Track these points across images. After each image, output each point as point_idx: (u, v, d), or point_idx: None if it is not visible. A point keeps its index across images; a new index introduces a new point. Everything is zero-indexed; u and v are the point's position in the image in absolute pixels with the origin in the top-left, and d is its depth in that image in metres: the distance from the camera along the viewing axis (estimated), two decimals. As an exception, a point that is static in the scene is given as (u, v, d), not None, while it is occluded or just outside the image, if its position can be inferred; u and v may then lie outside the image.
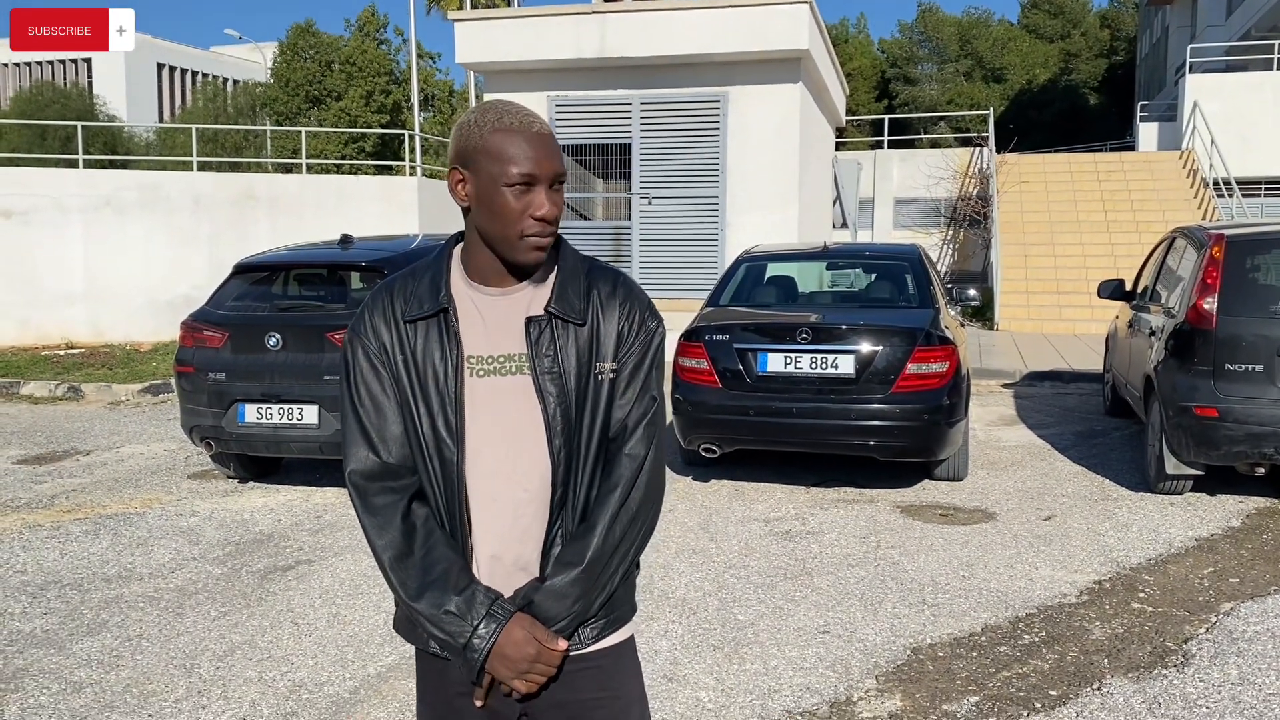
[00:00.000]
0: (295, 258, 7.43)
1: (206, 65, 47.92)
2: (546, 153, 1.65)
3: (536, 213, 1.64)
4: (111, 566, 5.46)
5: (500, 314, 1.72)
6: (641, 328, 1.76)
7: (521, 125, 1.66)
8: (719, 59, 12.63)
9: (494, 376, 1.71)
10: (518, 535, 1.72)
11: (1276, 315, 6.09)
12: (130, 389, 11.22)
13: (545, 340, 1.70)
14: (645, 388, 1.77)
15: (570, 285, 1.73)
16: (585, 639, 1.74)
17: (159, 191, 15.68)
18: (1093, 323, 14.47)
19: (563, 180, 1.69)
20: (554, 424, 1.69)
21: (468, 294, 1.74)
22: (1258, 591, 4.89)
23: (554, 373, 1.69)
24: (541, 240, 1.67)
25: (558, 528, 1.72)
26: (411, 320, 1.72)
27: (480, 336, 1.71)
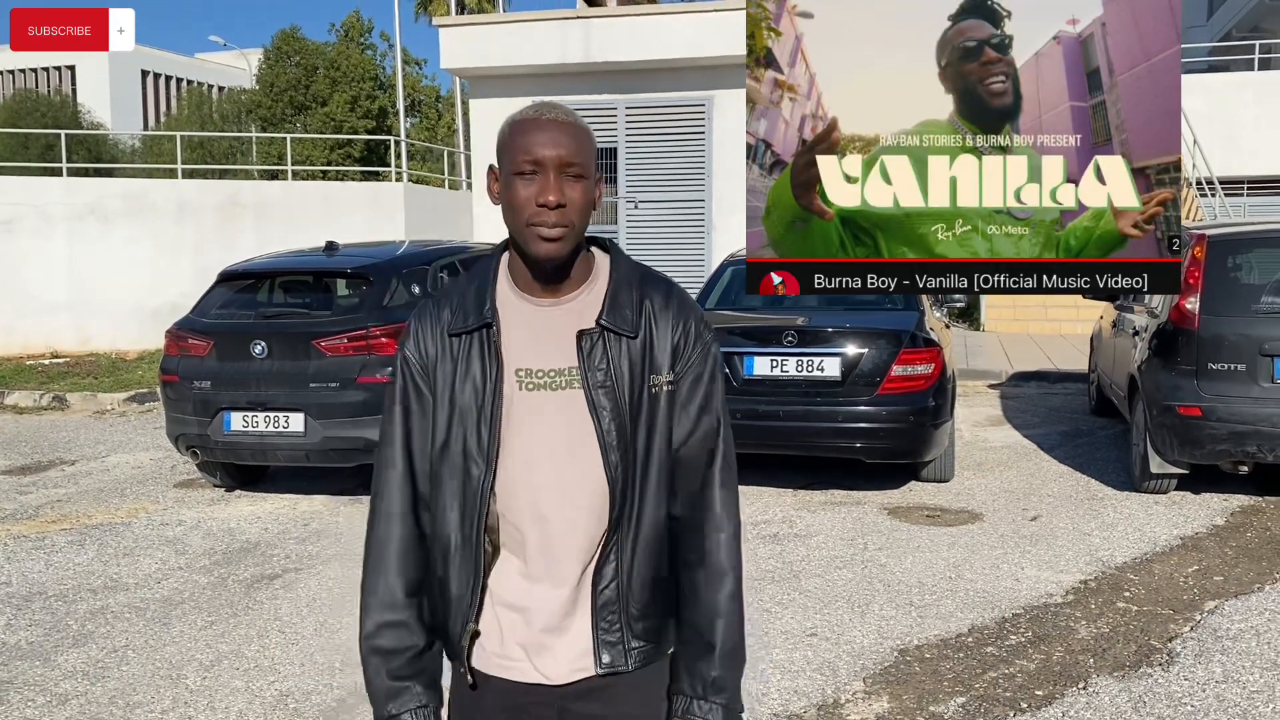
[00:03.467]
0: (280, 265, 7.42)
1: (191, 72, 47.78)
2: (554, 139, 1.60)
3: (539, 199, 1.59)
4: (97, 577, 5.43)
5: (549, 325, 1.68)
6: (698, 340, 1.72)
7: (536, 114, 1.63)
8: (704, 63, 12.66)
9: (544, 390, 1.66)
10: (562, 550, 1.67)
11: (1258, 314, 6.14)
12: (116, 398, 11.18)
13: (598, 353, 1.65)
14: (707, 405, 1.72)
15: (622, 296, 1.69)
16: (630, 662, 1.70)
17: (144, 199, 15.62)
18: (1078, 323, 14.52)
19: (579, 172, 1.62)
20: (609, 438, 1.65)
21: (516, 304, 1.70)
22: (1241, 589, 4.92)
23: (607, 386, 1.65)
24: (548, 231, 1.60)
25: (614, 544, 1.68)
26: (457, 333, 1.69)
27: (529, 349, 1.67)
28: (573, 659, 1.69)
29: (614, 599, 1.68)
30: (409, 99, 35.38)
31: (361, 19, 37.87)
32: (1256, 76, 20.02)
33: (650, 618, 1.72)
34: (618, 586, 1.68)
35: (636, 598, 1.69)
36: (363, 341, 6.46)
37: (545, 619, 1.68)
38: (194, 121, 32.49)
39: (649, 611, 1.71)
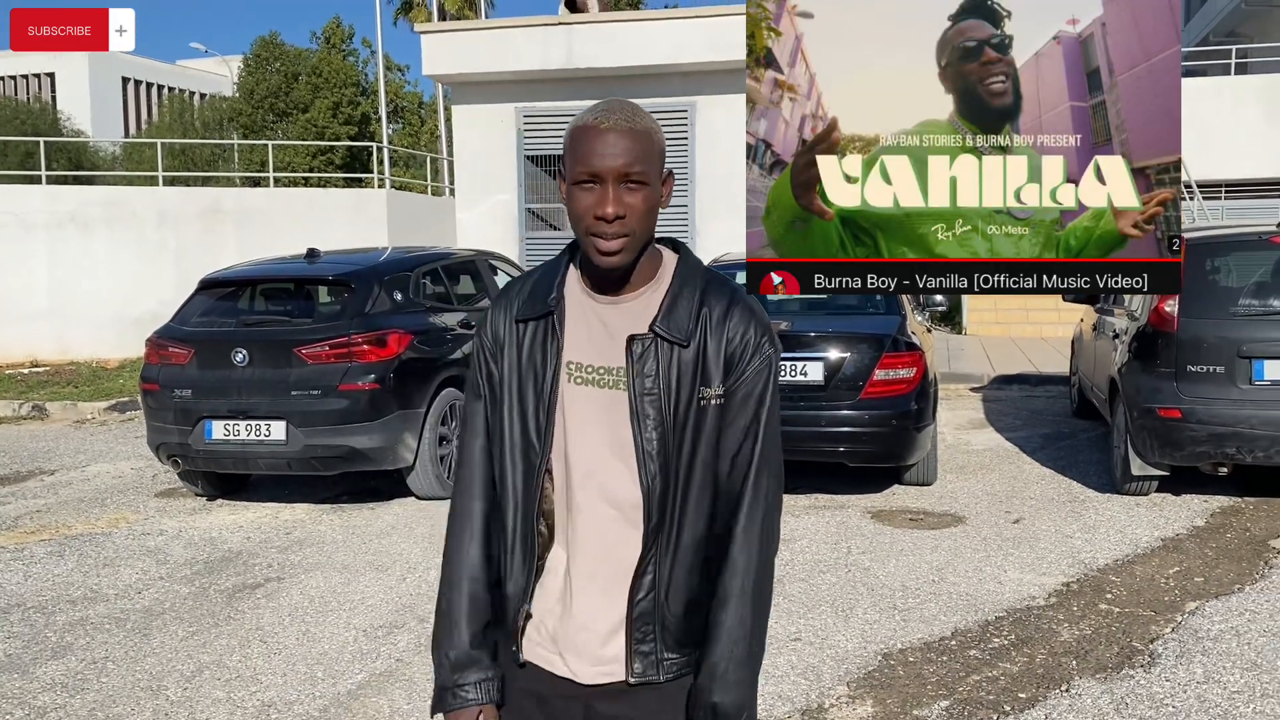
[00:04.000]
0: (261, 272, 7.39)
1: (172, 79, 47.50)
2: (612, 150, 1.57)
3: (596, 211, 1.58)
4: (77, 588, 5.39)
5: (607, 323, 1.67)
6: (756, 353, 1.67)
7: (595, 121, 1.60)
8: (685, 69, 12.69)
9: (591, 386, 1.66)
10: (601, 552, 1.67)
11: (1236, 316, 6.18)
12: (96, 407, 11.10)
13: (647, 360, 1.63)
14: (765, 422, 1.67)
15: (681, 302, 1.65)
16: (663, 674, 1.68)
17: (125, 207, 15.54)
18: (1059, 326, 14.61)
19: (639, 179, 1.59)
20: (649, 449, 1.62)
21: (580, 298, 1.70)
22: (1222, 590, 4.95)
23: (653, 394, 1.62)
24: (605, 243, 1.59)
25: (651, 556, 1.65)
26: (523, 320, 1.70)
27: (584, 343, 1.67)
28: (603, 662, 1.68)
29: (650, 610, 1.66)
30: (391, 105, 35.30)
31: (342, 25, 37.74)
32: (1233, 80, 20.20)
33: (687, 632, 1.69)
34: (654, 599, 1.66)
35: (674, 611, 1.67)
36: (344, 349, 6.44)
37: (581, 618, 1.68)
38: (175, 129, 32.32)
39: (687, 625, 1.68)
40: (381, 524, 6.42)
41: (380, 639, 4.55)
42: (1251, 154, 19.02)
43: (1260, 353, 6.02)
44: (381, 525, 6.40)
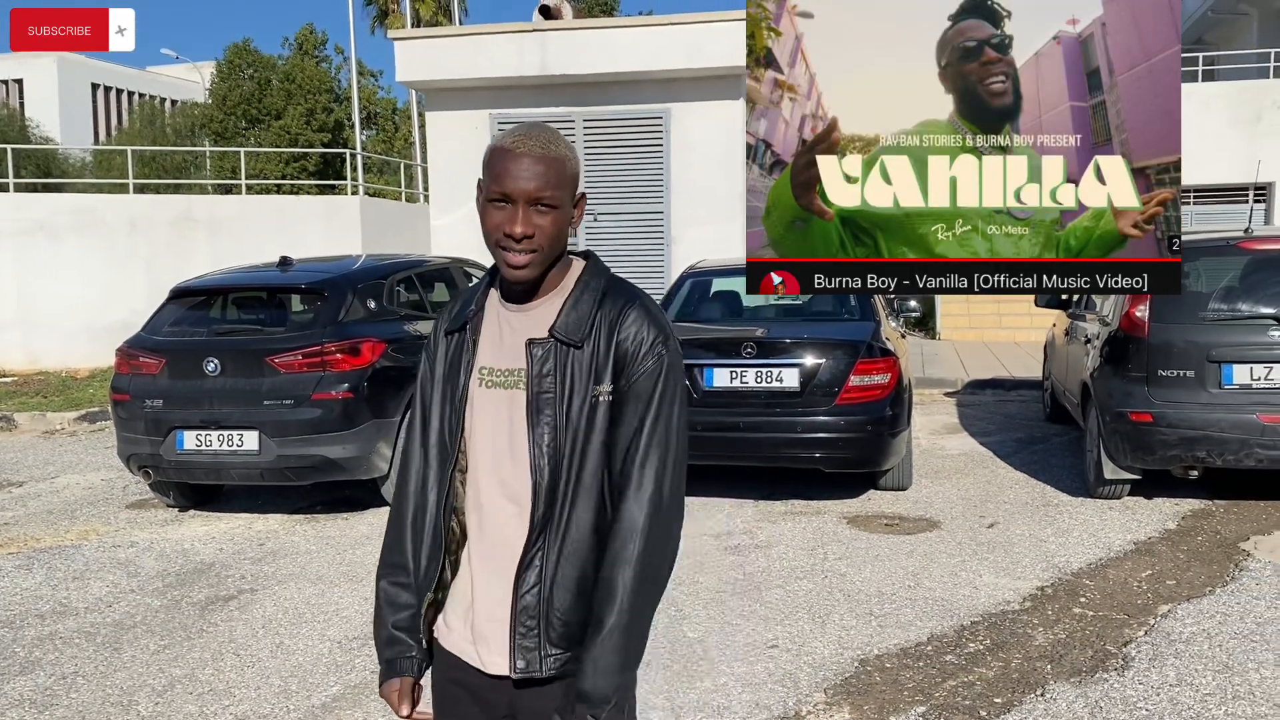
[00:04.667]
0: (233, 281, 7.32)
1: (143, 85, 47.07)
2: (525, 173, 1.67)
3: (506, 229, 1.68)
4: (45, 602, 5.32)
5: (515, 329, 1.78)
6: (649, 353, 1.74)
7: (511, 145, 1.70)
8: (660, 76, 12.70)
9: (498, 389, 1.77)
10: (502, 546, 1.76)
11: (1206, 321, 6.25)
12: (66, 417, 10.97)
13: (546, 361, 1.74)
14: (654, 419, 1.73)
15: (580, 306, 1.76)
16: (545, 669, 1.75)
17: (94, 214, 15.36)
18: (1032, 330, 14.72)
19: (550, 203, 1.69)
20: (540, 443, 1.72)
21: (496, 308, 1.83)
22: (1193, 593, 5.00)
23: (549, 394, 1.73)
24: (516, 258, 1.70)
25: (537, 549, 1.74)
26: (450, 332, 1.85)
27: (493, 349, 1.80)
28: (500, 656, 1.78)
29: (534, 604, 1.74)
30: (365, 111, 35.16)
31: (315, 32, 37.56)
32: (1200, 87, 20.45)
33: (572, 624, 1.74)
34: (539, 592, 1.73)
35: (559, 606, 1.73)
36: (317, 358, 6.39)
37: (485, 610, 1.78)
38: (146, 135, 32.03)
39: (570, 618, 1.74)
40: (356, 534, 6.38)
41: (355, 650, 4.52)
42: (1218, 160, 19.25)
43: (1229, 357, 6.09)
44: (356, 535, 6.35)
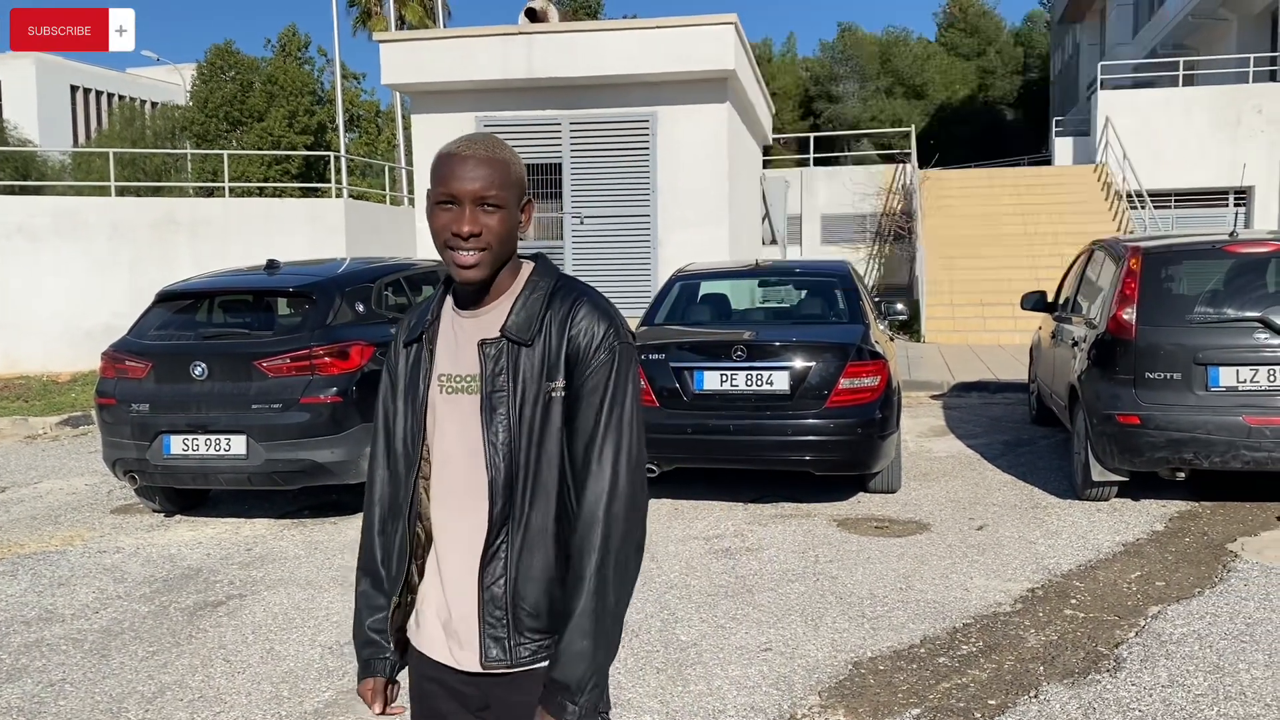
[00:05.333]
0: (220, 284, 7.27)
1: (123, 87, 46.79)
2: (470, 174, 1.72)
3: (453, 228, 1.72)
4: (31, 609, 5.26)
5: (468, 334, 1.82)
6: (601, 347, 1.77)
7: (457, 149, 1.76)
8: (647, 79, 12.71)
9: (460, 394, 1.81)
10: (468, 544, 1.80)
11: (1192, 324, 6.29)
12: (48, 422, 10.87)
13: (500, 360, 1.77)
14: (609, 410, 1.76)
15: (528, 306, 1.79)
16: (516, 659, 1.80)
17: (75, 218, 15.25)
18: (1016, 333, 14.81)
19: (495, 203, 1.73)
20: (494, 440, 1.76)
21: (450, 316, 1.86)
22: (1183, 594, 5.02)
23: (501, 393, 1.76)
24: (464, 257, 1.73)
25: (500, 542, 1.78)
26: (408, 343, 1.89)
27: (451, 356, 1.83)
28: (471, 651, 1.82)
29: (500, 595, 1.78)
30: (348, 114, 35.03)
31: (298, 33, 37.40)
32: (1181, 92, 20.64)
33: (540, 615, 1.79)
34: (505, 584, 1.78)
35: (526, 597, 1.78)
36: (305, 362, 6.35)
37: (455, 609, 1.83)
38: (126, 137, 31.81)
39: (540, 610, 1.79)
40: (344, 538, 6.34)
41: (346, 655, 4.48)
42: (1201, 164, 19.44)
43: (1215, 359, 6.14)
44: (344, 540, 6.31)
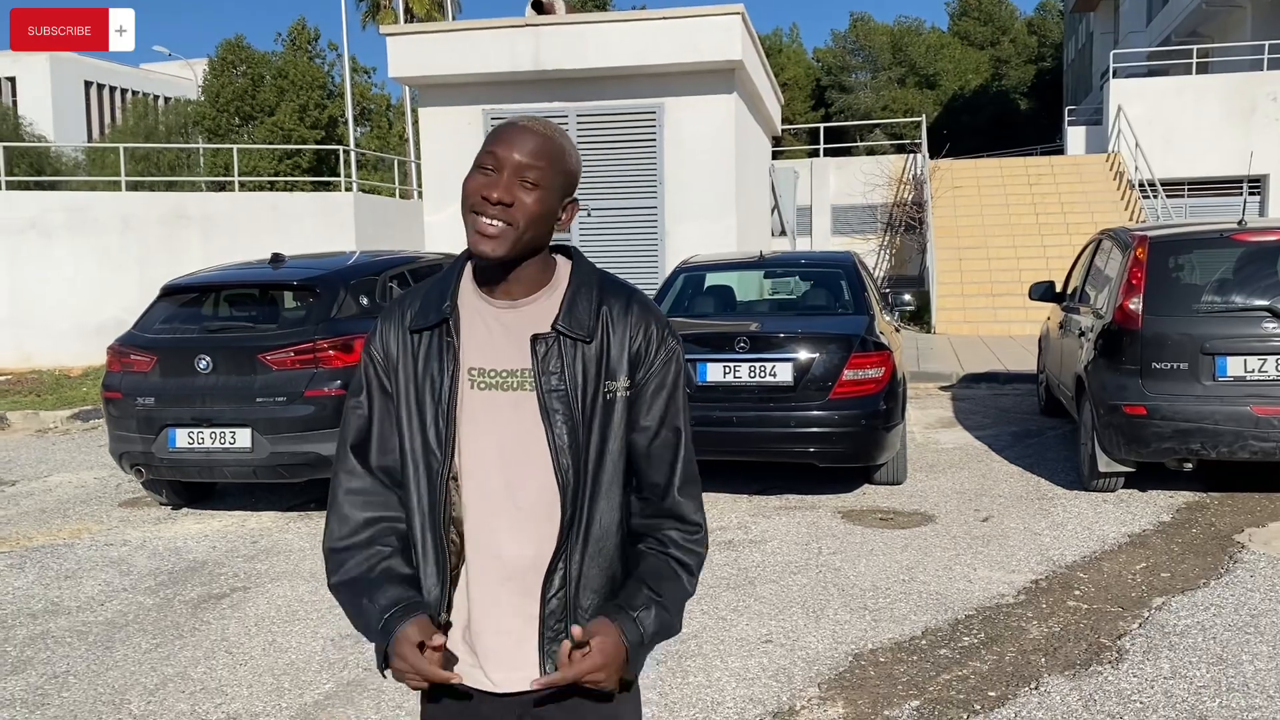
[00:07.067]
0: (225, 278, 7.29)
1: (136, 82, 46.93)
2: (519, 143, 1.62)
3: (484, 191, 1.61)
4: (37, 600, 5.29)
5: (506, 327, 1.68)
6: (661, 346, 1.71)
7: (519, 119, 1.67)
8: (653, 71, 12.67)
9: (494, 390, 1.67)
10: (515, 553, 1.67)
11: (1199, 314, 6.25)
12: (58, 415, 10.93)
13: (553, 358, 1.65)
14: (673, 410, 1.73)
15: (580, 301, 1.69)
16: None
17: (87, 213, 15.33)
18: (1027, 324, 14.73)
19: (535, 180, 1.62)
20: (560, 443, 1.64)
21: (476, 304, 1.71)
22: (1188, 585, 4.99)
23: (560, 391, 1.65)
24: (486, 225, 1.61)
25: (563, 551, 1.67)
26: (417, 330, 1.70)
27: (483, 349, 1.68)
28: (522, 669, 1.68)
29: (560, 608, 1.67)
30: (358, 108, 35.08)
31: (308, 27, 37.42)
32: (1194, 80, 20.48)
33: None
34: (564, 596, 1.67)
35: (586, 605, 1.68)
36: (309, 355, 6.37)
37: (498, 623, 1.68)
38: (138, 132, 31.93)
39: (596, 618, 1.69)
40: (350, 531, 6.35)
41: (348, 648, 4.50)
42: (1213, 152, 19.29)
43: (1223, 349, 6.09)
44: (350, 532, 6.33)
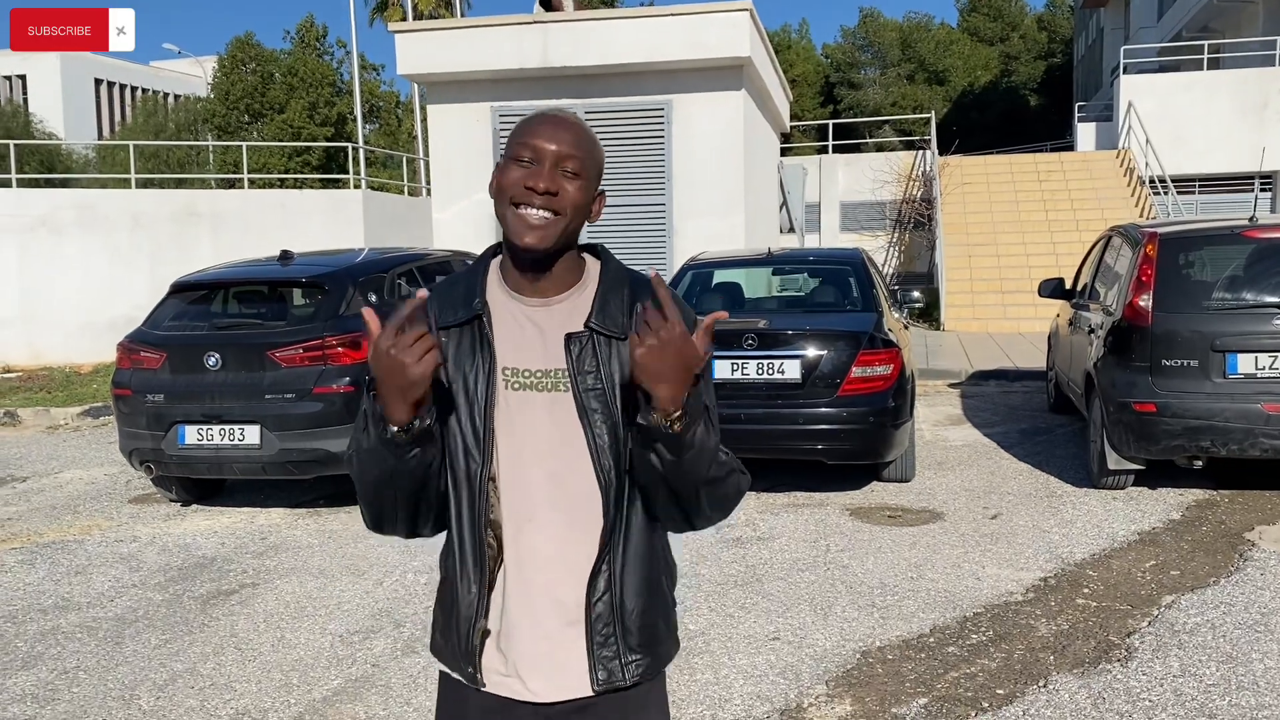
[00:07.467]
0: (233, 275, 7.31)
1: (146, 80, 47.06)
2: (557, 135, 1.59)
3: (528, 181, 1.57)
4: (48, 596, 5.32)
5: (538, 326, 1.65)
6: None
7: (549, 111, 1.65)
8: (661, 67, 12.66)
9: (529, 391, 1.63)
10: (554, 558, 1.63)
11: (1209, 311, 6.22)
12: (69, 412, 10.98)
13: (587, 357, 1.61)
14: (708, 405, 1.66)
15: (613, 299, 1.66)
16: (628, 676, 1.66)
17: (97, 210, 15.38)
18: (1036, 321, 14.68)
19: (576, 169, 1.60)
20: (600, 443, 1.60)
21: (505, 303, 1.67)
22: (1197, 583, 4.97)
23: (598, 390, 1.60)
24: (533, 215, 1.57)
25: (607, 553, 1.63)
26: (446, 327, 1.65)
27: (516, 348, 1.64)
28: (564, 677, 1.64)
29: (606, 612, 1.64)
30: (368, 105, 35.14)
31: (316, 25, 37.50)
32: (1206, 76, 20.38)
33: (645, 627, 1.68)
34: (610, 599, 1.64)
35: (630, 608, 1.65)
36: (318, 352, 6.38)
37: (537, 630, 1.64)
38: (148, 130, 32.03)
39: (643, 620, 1.67)
40: (357, 528, 6.37)
41: (356, 644, 4.51)
42: (1225, 148, 19.20)
43: (1233, 346, 6.06)
44: (357, 529, 6.34)
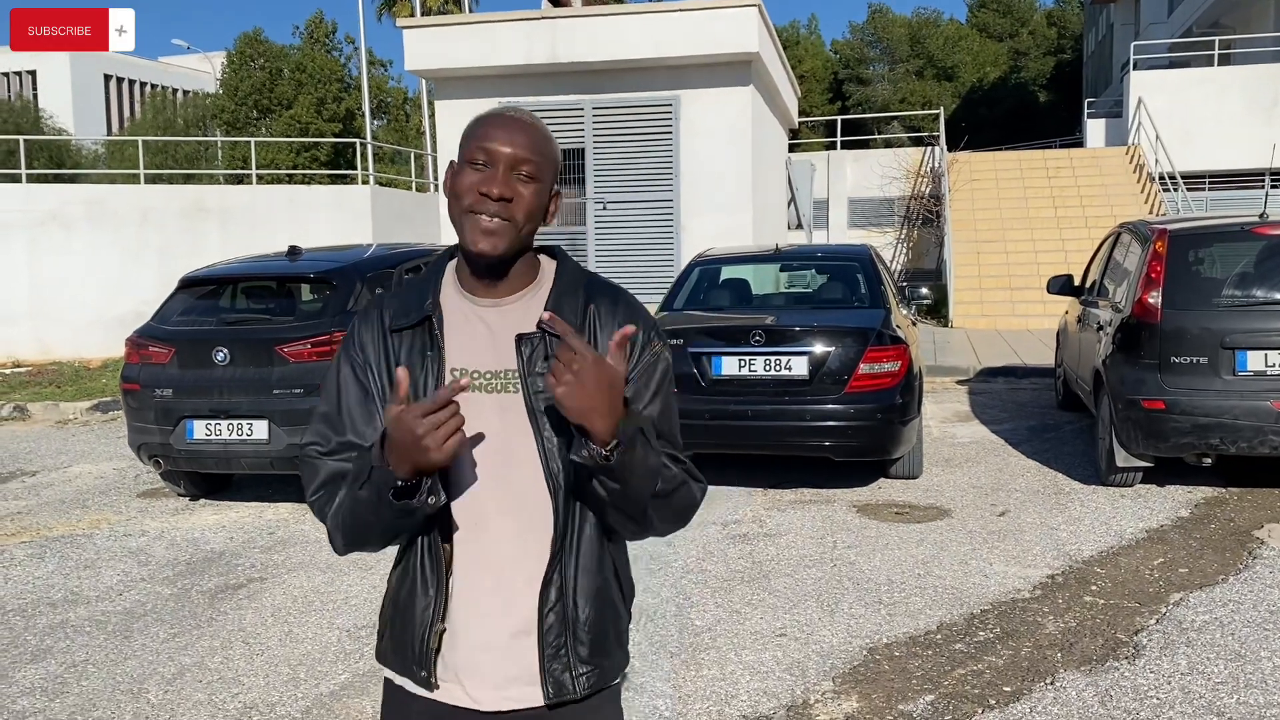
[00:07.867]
0: (242, 270, 7.32)
1: (155, 76, 47.18)
2: (511, 137, 1.57)
3: (482, 187, 1.55)
4: (57, 590, 5.34)
5: (490, 327, 1.63)
6: (646, 348, 1.64)
7: (500, 110, 1.63)
8: (669, 63, 12.65)
9: (479, 392, 1.59)
10: (501, 563, 1.60)
11: (1219, 308, 6.19)
12: (78, 407, 11.01)
13: (538, 358, 1.59)
14: (662, 411, 1.65)
15: (566, 301, 1.63)
16: (579, 689, 1.63)
17: (106, 205, 15.43)
18: (1045, 318, 14.64)
19: (531, 173, 1.58)
20: (550, 446, 1.57)
21: (459, 304, 1.65)
22: (1206, 581, 4.96)
23: (547, 392, 1.53)
24: (487, 222, 1.55)
25: (558, 560, 1.60)
26: (398, 330, 1.64)
27: (466, 349, 1.62)
28: (511, 686, 1.62)
29: (558, 623, 1.61)
30: (376, 101, 35.15)
31: (325, 20, 37.50)
32: (1216, 72, 20.28)
33: (596, 639, 1.65)
34: (563, 608, 1.61)
35: (581, 618, 1.63)
36: (326, 347, 6.38)
37: (480, 637, 1.61)
38: (157, 126, 32.11)
39: (594, 631, 1.64)
40: (366, 523, 6.38)
41: (364, 638, 4.52)
42: (1235, 145, 19.11)
43: (1243, 343, 6.04)
44: (366, 524, 6.36)
